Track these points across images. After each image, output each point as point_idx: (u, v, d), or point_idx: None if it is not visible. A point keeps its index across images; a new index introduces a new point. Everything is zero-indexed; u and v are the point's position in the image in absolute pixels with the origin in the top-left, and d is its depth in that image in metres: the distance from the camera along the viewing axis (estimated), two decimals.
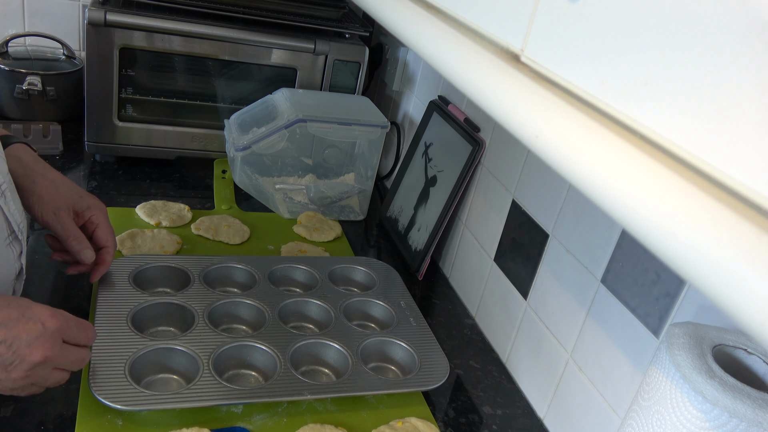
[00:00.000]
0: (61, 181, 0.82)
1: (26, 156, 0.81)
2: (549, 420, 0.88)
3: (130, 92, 1.27)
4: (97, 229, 0.84)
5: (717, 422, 0.49)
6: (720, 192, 0.28)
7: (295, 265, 1.04)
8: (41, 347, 0.62)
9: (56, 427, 0.73)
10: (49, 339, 0.62)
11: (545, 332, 0.90)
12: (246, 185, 1.24)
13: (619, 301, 0.76)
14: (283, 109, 1.21)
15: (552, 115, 0.39)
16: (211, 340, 0.83)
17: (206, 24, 1.23)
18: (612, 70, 0.35)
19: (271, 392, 0.78)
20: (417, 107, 1.36)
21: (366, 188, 1.30)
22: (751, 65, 0.27)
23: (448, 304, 1.12)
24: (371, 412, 0.82)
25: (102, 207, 0.86)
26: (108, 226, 0.86)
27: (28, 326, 0.61)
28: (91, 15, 1.16)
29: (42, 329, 0.62)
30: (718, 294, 0.27)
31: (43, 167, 0.82)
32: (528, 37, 0.43)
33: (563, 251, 0.87)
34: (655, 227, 0.31)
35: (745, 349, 0.55)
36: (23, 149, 0.82)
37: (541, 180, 0.93)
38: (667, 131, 0.31)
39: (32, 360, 0.61)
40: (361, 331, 0.93)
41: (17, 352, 0.60)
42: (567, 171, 0.38)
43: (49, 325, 0.63)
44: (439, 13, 0.56)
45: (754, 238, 0.26)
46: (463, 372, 0.96)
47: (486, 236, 1.06)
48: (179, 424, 0.74)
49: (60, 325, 0.64)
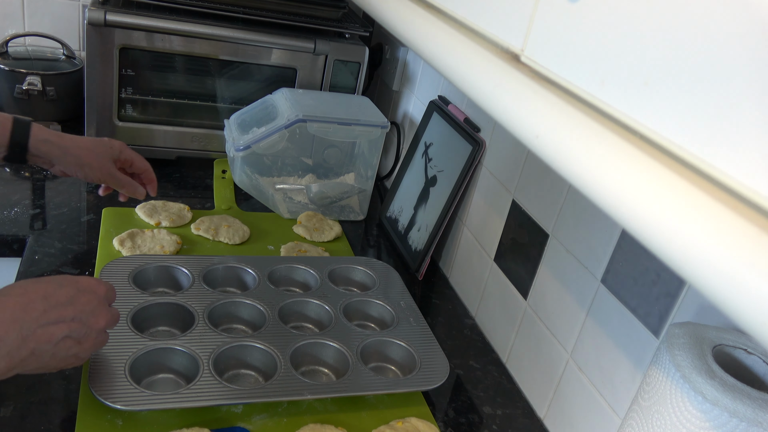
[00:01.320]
0: (91, 144, 0.97)
1: (50, 135, 0.93)
2: (549, 420, 0.88)
3: (130, 92, 1.27)
4: (134, 162, 1.03)
5: (717, 422, 0.49)
6: (720, 192, 0.28)
7: (295, 265, 1.04)
8: (102, 314, 0.68)
9: (56, 427, 0.73)
10: (104, 306, 0.69)
11: (545, 332, 0.90)
12: (246, 185, 1.24)
13: (619, 301, 0.76)
14: (283, 109, 1.21)
15: (552, 115, 0.39)
16: (211, 340, 0.83)
17: (206, 24, 1.23)
18: (612, 70, 0.35)
19: (271, 392, 0.78)
20: (417, 107, 1.36)
21: (366, 188, 1.30)
22: (751, 65, 0.27)
23: (448, 304, 1.12)
24: (371, 412, 0.82)
25: (124, 144, 1.02)
26: (136, 154, 1.04)
27: (86, 298, 0.67)
28: (91, 15, 1.16)
29: (97, 297, 0.68)
30: (718, 294, 0.27)
31: (70, 140, 0.96)
32: (528, 37, 0.43)
33: (563, 251, 0.87)
34: (655, 227, 0.31)
35: (745, 349, 0.55)
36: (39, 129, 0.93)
37: (541, 180, 0.93)
38: (667, 131, 0.31)
39: (99, 327, 0.67)
40: (361, 331, 0.93)
41: (87, 323, 0.66)
42: (567, 171, 0.38)
43: (99, 292, 0.69)
44: (439, 13, 0.56)
45: (754, 238, 0.26)
46: (463, 372, 0.96)
47: (486, 236, 1.06)
48: (179, 424, 0.74)
49: (106, 290, 0.70)
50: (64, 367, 0.67)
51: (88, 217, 1.12)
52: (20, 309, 0.60)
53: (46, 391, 0.77)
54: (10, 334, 0.59)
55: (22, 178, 1.20)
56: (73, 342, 0.65)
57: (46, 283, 0.65)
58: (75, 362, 0.67)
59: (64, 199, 1.15)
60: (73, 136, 0.96)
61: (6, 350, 0.58)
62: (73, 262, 1.00)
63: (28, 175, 1.21)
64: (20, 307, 0.61)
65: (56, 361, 0.64)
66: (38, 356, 0.62)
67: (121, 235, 1.04)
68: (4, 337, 0.58)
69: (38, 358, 0.62)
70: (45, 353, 0.62)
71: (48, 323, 0.62)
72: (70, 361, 0.66)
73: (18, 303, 0.61)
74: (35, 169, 1.22)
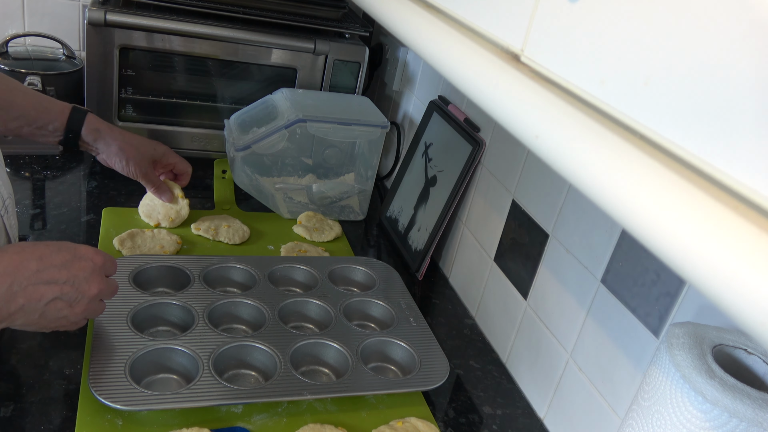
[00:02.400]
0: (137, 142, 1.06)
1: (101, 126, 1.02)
2: (549, 420, 0.88)
3: (130, 92, 1.27)
4: (176, 166, 1.13)
5: (717, 422, 0.49)
6: (720, 192, 0.28)
7: (295, 265, 1.04)
8: (96, 281, 0.70)
9: (56, 427, 0.73)
10: (99, 273, 0.71)
11: (545, 332, 0.90)
12: (246, 185, 1.24)
13: (619, 301, 0.76)
14: (283, 109, 1.21)
15: (552, 115, 0.39)
16: (211, 340, 0.83)
17: (206, 24, 1.23)
18: (612, 70, 0.35)
19: (271, 392, 0.78)
20: (417, 107, 1.36)
21: (366, 188, 1.30)
22: (751, 65, 0.27)
23: (448, 304, 1.12)
24: (371, 412, 0.82)
25: (169, 149, 1.11)
26: (179, 158, 1.13)
27: (82, 264, 0.69)
28: (91, 15, 1.16)
29: (93, 265, 0.70)
30: (718, 294, 0.27)
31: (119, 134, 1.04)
32: (528, 37, 0.43)
33: (563, 251, 0.87)
34: (655, 227, 0.31)
35: (745, 349, 0.55)
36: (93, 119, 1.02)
37: (541, 180, 0.93)
38: (667, 131, 0.31)
39: (91, 293, 0.69)
40: (361, 331, 0.93)
41: (79, 288, 0.68)
42: (567, 171, 0.38)
43: (96, 261, 0.71)
44: (439, 13, 0.56)
45: (754, 238, 0.26)
46: (463, 372, 0.96)
47: (486, 236, 1.06)
48: (179, 424, 0.74)
49: (103, 261, 0.72)
50: (56, 328, 0.69)
51: (88, 217, 1.12)
52: (14, 266, 0.63)
53: (46, 391, 0.77)
54: (1, 287, 0.61)
55: (22, 178, 1.20)
56: (63, 305, 0.67)
57: (44, 246, 0.67)
58: (67, 325, 0.70)
59: (64, 199, 1.15)
60: (122, 132, 1.05)
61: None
62: None
63: (28, 175, 1.21)
64: (14, 264, 0.63)
65: (46, 321, 0.67)
66: (27, 313, 0.64)
67: (121, 235, 1.04)
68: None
69: (27, 314, 0.64)
70: (34, 311, 0.65)
71: (39, 282, 0.64)
72: (61, 323, 0.69)
73: (12, 260, 0.63)
74: (35, 169, 1.22)
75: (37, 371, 0.79)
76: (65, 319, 0.68)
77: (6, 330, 0.84)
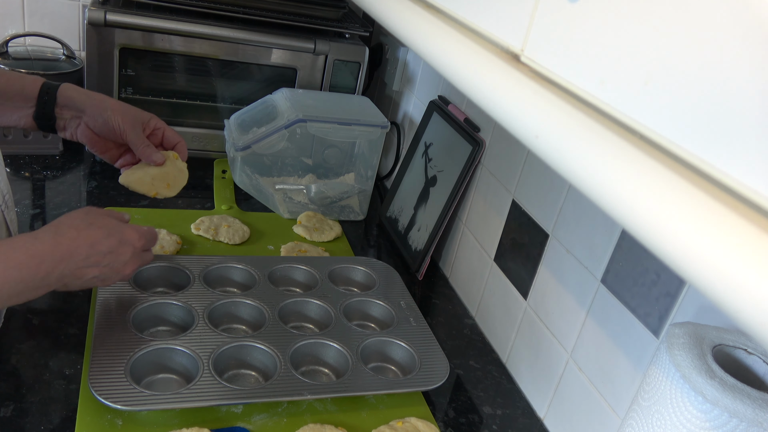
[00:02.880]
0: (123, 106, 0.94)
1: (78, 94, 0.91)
2: (549, 420, 0.88)
3: (130, 92, 1.27)
4: (165, 132, 0.98)
5: (717, 422, 0.49)
6: (720, 192, 0.28)
7: (295, 265, 1.04)
8: (132, 264, 0.80)
9: (56, 427, 0.73)
10: (138, 257, 0.81)
11: (545, 332, 0.90)
12: (246, 185, 1.24)
13: (619, 301, 0.76)
14: (283, 109, 1.21)
15: (552, 115, 0.39)
16: (211, 340, 0.83)
17: (206, 24, 1.23)
18: (612, 70, 0.35)
19: (271, 392, 0.78)
20: (417, 107, 1.36)
21: (366, 188, 1.30)
22: (751, 65, 0.27)
23: (448, 304, 1.12)
24: (371, 412, 0.82)
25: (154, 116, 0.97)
26: (171, 129, 0.99)
27: (125, 249, 0.78)
28: (91, 15, 1.16)
29: (133, 250, 0.79)
30: (718, 294, 0.27)
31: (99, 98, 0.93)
32: (528, 37, 0.43)
33: (563, 251, 0.87)
34: (655, 227, 0.31)
35: (745, 349, 0.55)
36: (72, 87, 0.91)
37: (541, 180, 0.93)
38: (668, 131, 0.31)
39: (125, 273, 0.79)
40: (361, 331, 0.93)
41: (116, 269, 0.78)
42: (567, 171, 0.38)
43: (138, 246, 0.80)
44: (439, 13, 0.56)
45: (754, 238, 0.26)
46: (463, 372, 0.96)
47: (486, 236, 1.06)
48: (179, 424, 0.74)
49: (144, 243, 0.81)
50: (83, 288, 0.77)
51: None
52: (69, 252, 0.71)
53: (46, 391, 0.77)
54: (56, 272, 0.69)
55: (22, 178, 1.20)
56: (98, 280, 0.76)
57: (97, 229, 0.75)
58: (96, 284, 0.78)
59: (64, 199, 1.15)
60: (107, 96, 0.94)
61: (47, 282, 0.69)
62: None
63: (28, 175, 1.21)
64: (70, 250, 0.71)
65: (78, 287, 0.75)
66: (66, 285, 0.73)
67: None
68: (50, 272, 0.68)
69: (66, 286, 0.73)
70: (73, 285, 0.74)
71: (86, 266, 0.73)
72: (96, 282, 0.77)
73: (69, 247, 0.71)
74: (35, 169, 1.22)
75: (37, 371, 0.79)
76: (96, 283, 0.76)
77: (6, 330, 0.84)
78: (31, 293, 0.68)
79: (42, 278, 0.68)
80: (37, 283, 0.68)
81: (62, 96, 0.88)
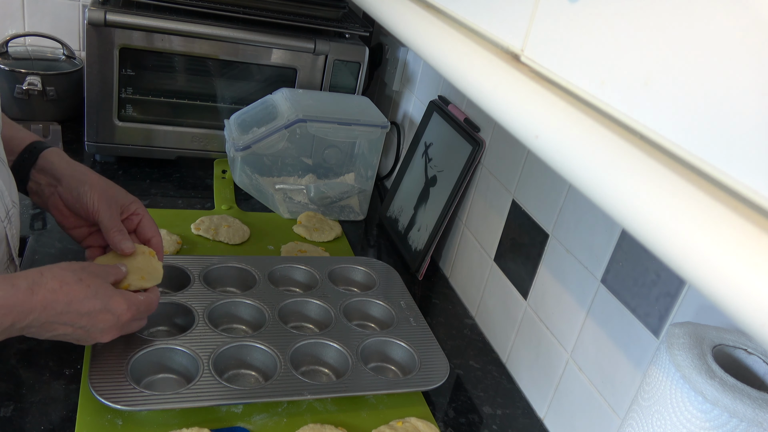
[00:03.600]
0: (101, 180, 0.85)
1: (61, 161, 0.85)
2: (549, 420, 0.88)
3: (130, 92, 1.27)
4: (142, 220, 0.86)
5: (717, 422, 0.49)
6: (720, 192, 0.28)
7: (295, 265, 1.04)
8: (110, 333, 0.72)
9: (56, 427, 0.73)
10: (119, 328, 0.73)
11: (545, 332, 0.90)
12: (246, 185, 1.24)
13: (619, 301, 0.76)
14: (283, 109, 1.21)
15: (552, 115, 0.39)
16: (211, 340, 0.83)
17: (206, 24, 1.23)
18: (612, 70, 0.35)
19: (271, 392, 0.78)
20: (417, 107, 1.36)
21: (366, 188, 1.30)
22: (750, 65, 0.27)
23: (448, 304, 1.12)
24: (371, 412, 0.82)
25: (139, 201, 0.87)
26: (151, 219, 0.87)
27: (106, 317, 0.71)
28: (91, 15, 1.16)
29: (116, 321, 0.72)
30: (718, 294, 0.27)
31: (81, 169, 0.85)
32: (528, 37, 0.43)
33: (563, 251, 0.87)
34: (655, 227, 0.31)
35: (745, 349, 0.55)
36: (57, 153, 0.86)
37: (541, 180, 0.93)
38: (667, 131, 0.31)
39: (101, 340, 0.73)
40: (361, 331, 0.93)
41: (91, 335, 0.71)
42: (567, 171, 0.38)
43: (123, 318, 0.72)
44: (439, 13, 0.56)
45: (754, 238, 0.26)
46: (463, 372, 0.96)
47: (486, 236, 1.06)
48: (179, 424, 0.74)
49: (131, 316, 0.73)
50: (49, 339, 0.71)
51: None
52: (42, 305, 0.65)
53: (46, 391, 0.77)
54: (22, 323, 0.64)
55: None
56: (69, 338, 0.70)
57: (83, 287, 0.69)
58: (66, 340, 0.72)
59: None
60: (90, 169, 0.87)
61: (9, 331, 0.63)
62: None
63: None
64: (44, 303, 0.65)
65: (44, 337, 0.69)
66: (32, 334, 0.67)
67: None
68: (16, 322, 0.63)
69: (31, 334, 0.67)
70: (38, 335, 0.68)
71: (57, 322, 0.67)
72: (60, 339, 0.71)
73: (44, 299, 0.65)
74: None
75: (37, 371, 0.79)
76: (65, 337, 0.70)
77: None
78: None
79: (5, 328, 0.62)
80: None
81: (43, 159, 0.83)
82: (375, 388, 0.83)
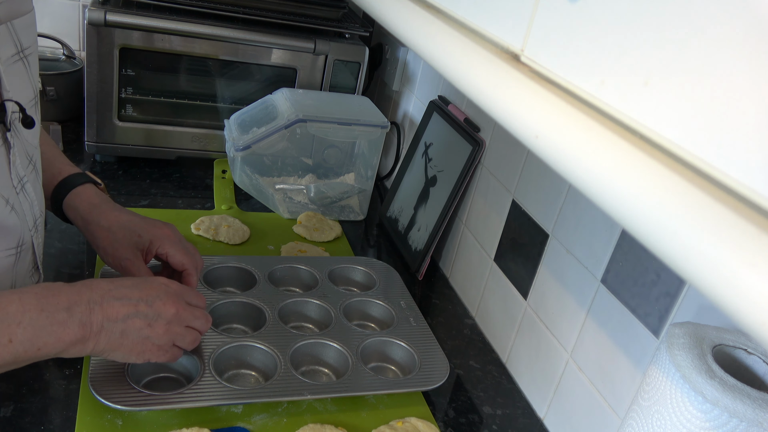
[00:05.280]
0: (117, 226, 0.82)
1: (82, 204, 0.84)
2: (549, 420, 0.88)
3: (130, 92, 1.27)
4: (168, 259, 0.83)
5: (717, 422, 0.49)
6: (720, 192, 0.28)
7: (295, 265, 1.04)
8: (171, 302, 0.70)
9: (56, 427, 0.73)
10: (174, 296, 0.71)
11: (545, 332, 0.90)
12: (246, 185, 1.24)
13: (619, 301, 0.76)
14: (283, 109, 1.21)
15: (552, 115, 0.39)
16: (211, 340, 0.83)
17: (206, 24, 1.23)
18: (612, 70, 0.35)
19: (271, 392, 0.78)
20: (417, 107, 1.36)
21: (366, 188, 1.30)
22: (751, 65, 0.27)
23: (448, 304, 1.12)
24: (371, 412, 0.82)
25: (165, 234, 0.83)
26: (178, 250, 0.83)
27: (154, 286, 0.70)
28: (91, 15, 1.16)
29: (165, 288, 0.71)
30: (718, 294, 0.27)
31: (98, 214, 0.83)
32: (528, 37, 0.43)
33: (563, 251, 0.87)
34: (655, 227, 0.31)
35: (745, 349, 0.55)
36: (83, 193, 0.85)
37: (541, 180, 0.93)
38: (667, 131, 0.31)
39: (168, 313, 0.69)
40: (361, 331, 0.93)
41: (154, 306, 0.68)
42: (567, 171, 0.38)
43: (171, 285, 0.72)
44: (439, 13, 0.56)
45: (754, 238, 0.26)
46: (463, 372, 0.96)
47: (486, 236, 1.06)
48: (179, 424, 0.74)
49: (178, 287, 0.73)
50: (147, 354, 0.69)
51: None
52: (86, 287, 0.65)
53: (46, 391, 0.77)
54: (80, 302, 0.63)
55: None
56: (142, 323, 0.67)
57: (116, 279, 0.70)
58: (155, 351, 0.70)
59: None
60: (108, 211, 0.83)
61: (78, 317, 0.62)
62: (73, 263, 1.00)
63: None
64: (86, 286, 0.65)
65: (130, 342, 0.67)
66: (109, 333, 0.65)
67: None
68: (73, 305, 0.62)
69: (109, 334, 0.65)
70: (114, 330, 0.65)
71: (113, 299, 0.66)
72: (148, 346, 0.69)
73: (84, 284, 0.66)
74: None
75: (37, 371, 0.79)
76: (149, 340, 0.68)
77: None
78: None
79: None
80: None
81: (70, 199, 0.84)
82: (375, 388, 0.83)
